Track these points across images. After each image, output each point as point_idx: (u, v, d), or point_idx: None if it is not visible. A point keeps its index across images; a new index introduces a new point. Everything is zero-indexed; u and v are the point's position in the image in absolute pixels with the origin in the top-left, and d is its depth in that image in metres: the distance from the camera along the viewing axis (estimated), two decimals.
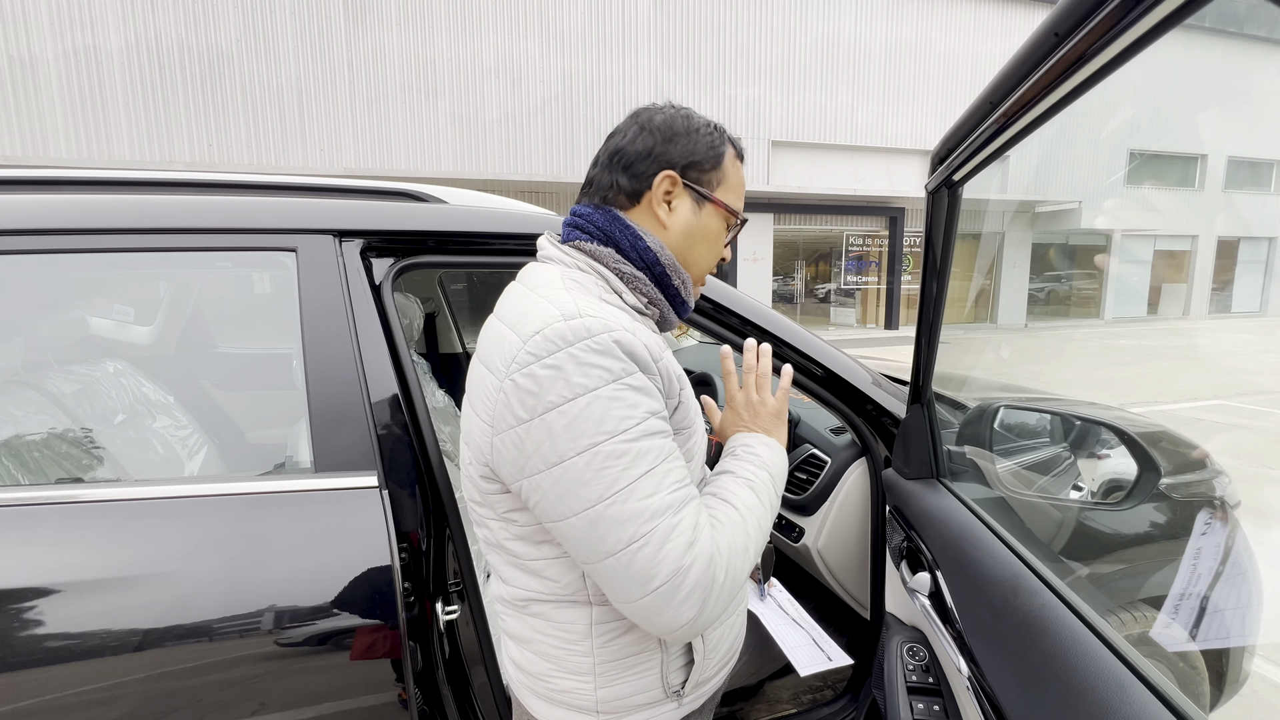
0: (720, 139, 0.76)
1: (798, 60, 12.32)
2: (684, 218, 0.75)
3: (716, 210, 0.76)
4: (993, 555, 0.76)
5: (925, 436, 1.03)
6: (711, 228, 0.76)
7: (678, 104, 0.76)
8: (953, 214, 0.79)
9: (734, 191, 0.77)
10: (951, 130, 0.68)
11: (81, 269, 1.24)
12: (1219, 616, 0.96)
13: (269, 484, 0.96)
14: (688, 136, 0.74)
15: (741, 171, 0.78)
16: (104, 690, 0.82)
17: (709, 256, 0.78)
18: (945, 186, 0.76)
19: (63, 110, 9.07)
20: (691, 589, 0.60)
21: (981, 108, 0.57)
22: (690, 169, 0.74)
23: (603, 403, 0.59)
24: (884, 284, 14.15)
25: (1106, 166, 7.90)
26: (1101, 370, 6.33)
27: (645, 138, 0.72)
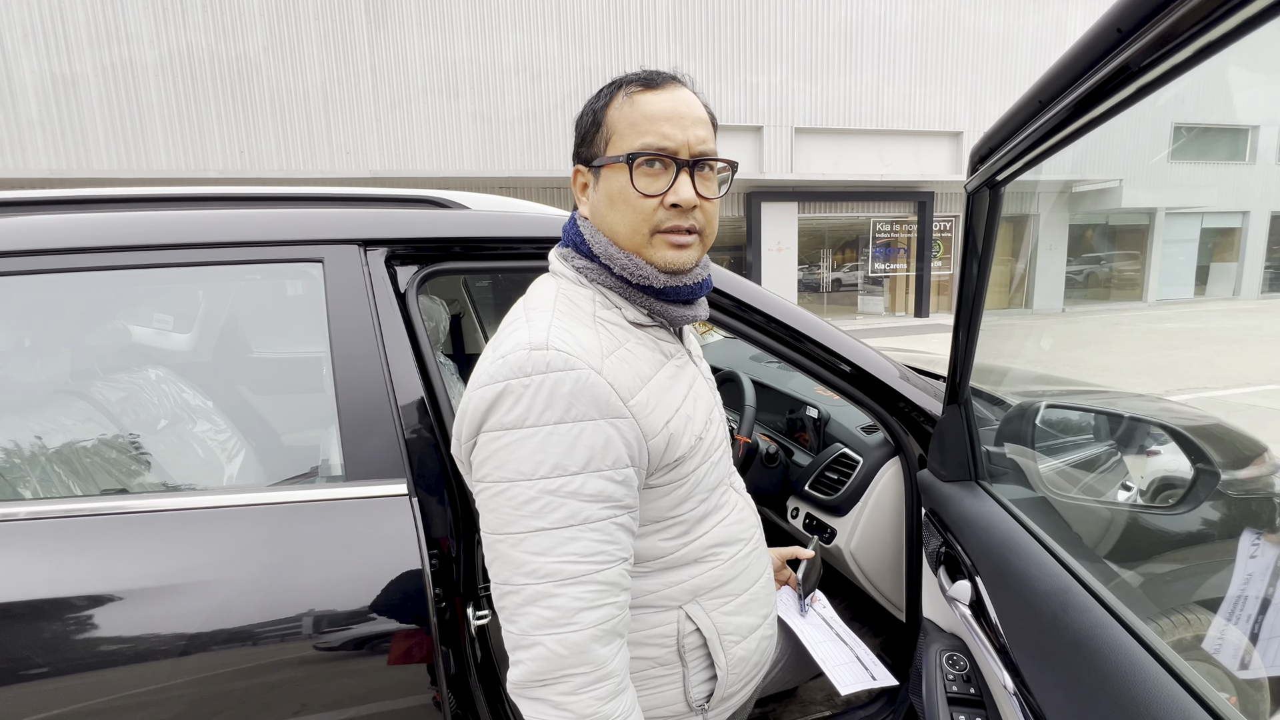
0: (602, 97, 0.69)
1: (821, 44, 12.05)
2: (591, 198, 0.71)
3: (611, 169, 0.67)
4: (1039, 566, 0.72)
5: (963, 438, 0.99)
6: (612, 188, 0.67)
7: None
8: (994, 216, 0.75)
9: (628, 131, 0.66)
10: (995, 128, 0.64)
11: (121, 283, 1.27)
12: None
13: (303, 493, 0.97)
14: (579, 122, 0.72)
15: (640, 101, 0.66)
16: (154, 693, 0.85)
17: (624, 218, 0.67)
18: (987, 187, 0.72)
19: (103, 123, 9.41)
20: (531, 660, 0.59)
21: (1029, 106, 0.53)
22: (580, 149, 0.71)
23: (534, 443, 0.58)
24: (913, 270, 13.82)
25: (1150, 142, 7.53)
26: (1145, 355, 6.08)
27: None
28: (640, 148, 0.65)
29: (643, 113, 0.65)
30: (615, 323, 0.68)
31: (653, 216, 0.66)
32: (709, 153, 0.67)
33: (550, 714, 0.59)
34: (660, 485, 0.68)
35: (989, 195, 0.73)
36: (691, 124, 0.66)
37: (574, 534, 0.59)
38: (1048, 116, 0.50)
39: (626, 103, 0.66)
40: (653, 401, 0.65)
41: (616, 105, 0.67)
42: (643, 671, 0.71)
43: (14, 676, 0.80)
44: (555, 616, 0.58)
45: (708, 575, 0.73)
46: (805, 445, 1.73)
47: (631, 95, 0.66)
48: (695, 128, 0.66)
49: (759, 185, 12.07)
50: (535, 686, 0.59)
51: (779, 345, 1.19)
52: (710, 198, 0.68)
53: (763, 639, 0.81)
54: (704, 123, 0.68)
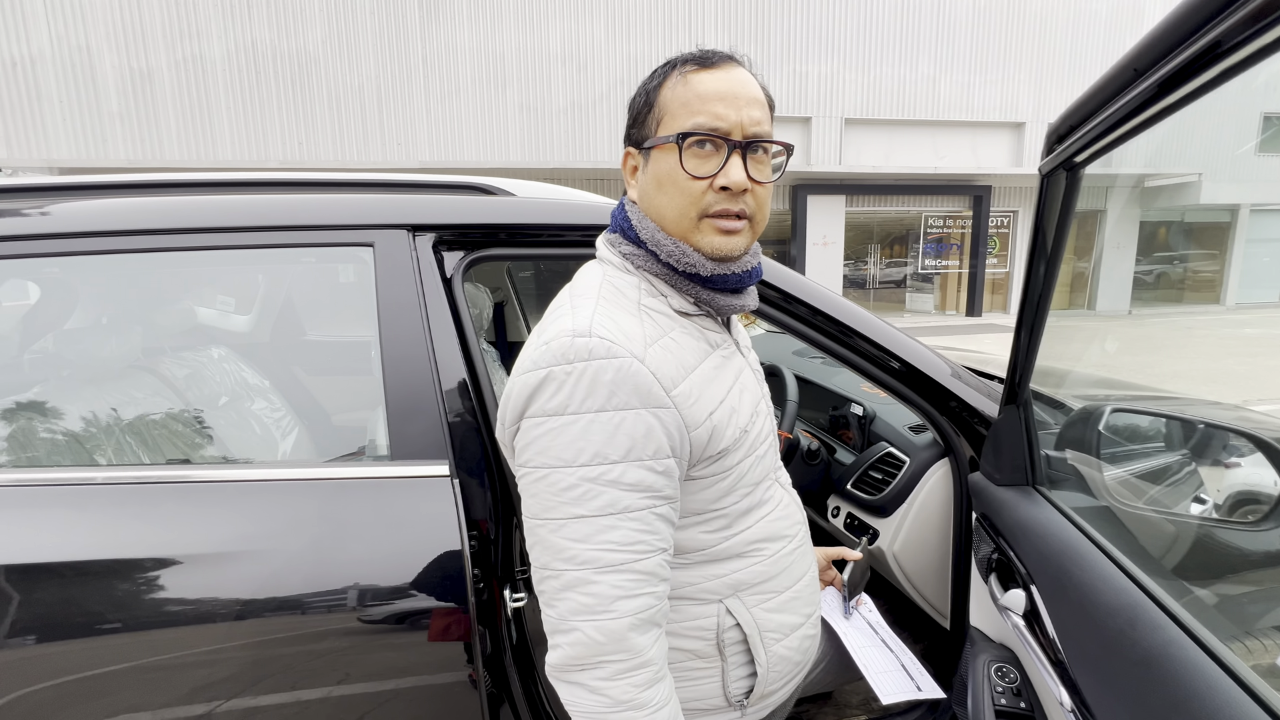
0: (656, 77, 0.67)
1: (875, 31, 11.65)
2: (639, 181, 0.70)
3: (661, 150, 0.65)
4: (1103, 579, 0.68)
5: (1021, 440, 0.94)
6: (660, 170, 0.66)
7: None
8: (1069, 200, 0.69)
9: (680, 111, 0.64)
10: (1077, 103, 0.59)
11: (187, 264, 1.34)
12: None
13: (351, 470, 1.00)
14: (631, 104, 0.70)
15: (693, 80, 0.64)
16: (209, 654, 0.90)
17: (672, 200, 0.65)
18: (1064, 168, 0.67)
19: (175, 116, 9.94)
20: (568, 645, 0.59)
21: (1121, 75, 0.48)
22: (632, 131, 0.70)
23: (576, 430, 0.58)
24: (966, 268, 13.27)
25: (1235, 133, 7.02)
26: (1221, 362, 5.68)
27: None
28: (691, 127, 0.63)
29: (696, 92, 0.63)
30: (660, 311, 0.67)
31: (701, 199, 0.64)
32: (763, 134, 0.65)
33: (587, 698, 0.59)
34: (703, 477, 0.67)
35: (1065, 178, 0.68)
36: (746, 104, 0.64)
37: (613, 522, 0.58)
38: (1143, 87, 0.46)
39: (680, 82, 0.65)
40: (696, 392, 0.64)
41: (670, 85, 0.65)
42: (681, 663, 0.71)
43: (86, 630, 0.86)
44: (593, 603, 0.58)
45: (750, 570, 0.72)
46: (848, 443, 1.68)
47: (685, 75, 0.65)
48: (750, 108, 0.64)
49: (805, 177, 11.79)
50: (573, 670, 0.59)
51: (826, 340, 1.16)
52: (763, 181, 0.66)
53: (805, 638, 0.79)
54: (759, 103, 0.65)
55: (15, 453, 1.13)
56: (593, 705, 0.59)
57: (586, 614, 0.58)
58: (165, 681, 0.89)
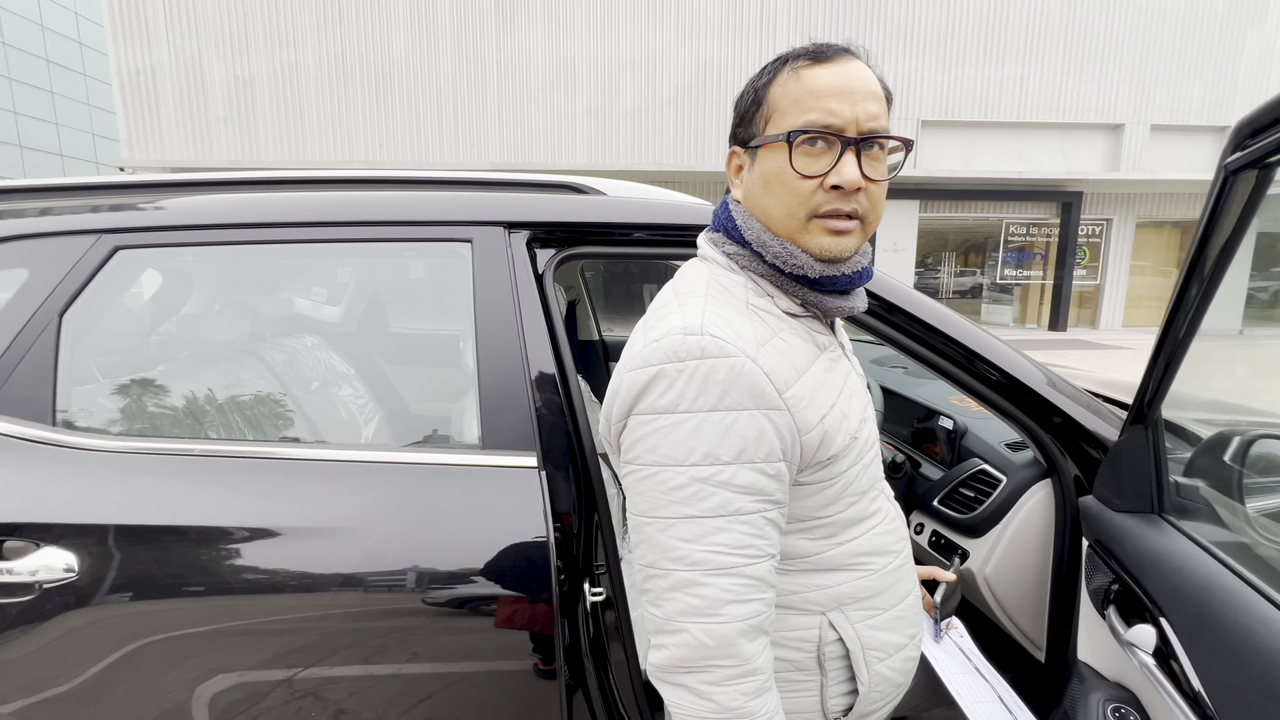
0: (765, 74, 0.65)
1: (959, 28, 11.11)
2: (746, 181, 0.68)
3: (768, 149, 0.63)
4: (1260, 620, 0.61)
5: (1148, 463, 0.86)
6: (768, 170, 0.64)
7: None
8: (1252, 204, 0.63)
9: (790, 109, 0.62)
10: None
11: (290, 257, 1.42)
12: None
13: (446, 457, 1.04)
14: (739, 102, 0.68)
15: (805, 76, 0.62)
16: (314, 620, 0.95)
17: (779, 200, 0.63)
18: (1254, 167, 0.60)
19: (272, 120, 10.71)
20: (674, 647, 0.58)
21: None
22: (739, 131, 0.68)
23: (687, 429, 0.57)
24: (1050, 279, 12.45)
25: None
26: None
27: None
28: (802, 125, 0.60)
29: (808, 88, 0.61)
30: (769, 311, 0.66)
31: (810, 199, 0.62)
32: (880, 130, 0.62)
33: (693, 702, 0.58)
34: (810, 483, 0.65)
35: (1255, 178, 0.61)
36: (862, 99, 0.61)
37: (723, 524, 0.57)
38: None
39: (792, 78, 0.62)
40: (808, 395, 0.62)
41: (780, 81, 0.63)
42: (779, 673, 0.69)
43: (191, 590, 0.92)
44: (703, 606, 0.57)
45: (855, 584, 0.70)
46: (935, 458, 1.60)
47: (798, 70, 0.62)
48: (866, 103, 0.61)
49: None
50: (679, 673, 0.58)
51: (918, 346, 1.11)
52: (877, 180, 0.63)
53: (907, 659, 0.76)
54: (876, 97, 0.62)
55: (138, 422, 1.23)
56: (700, 709, 0.57)
57: (695, 616, 0.57)
58: (265, 645, 0.94)
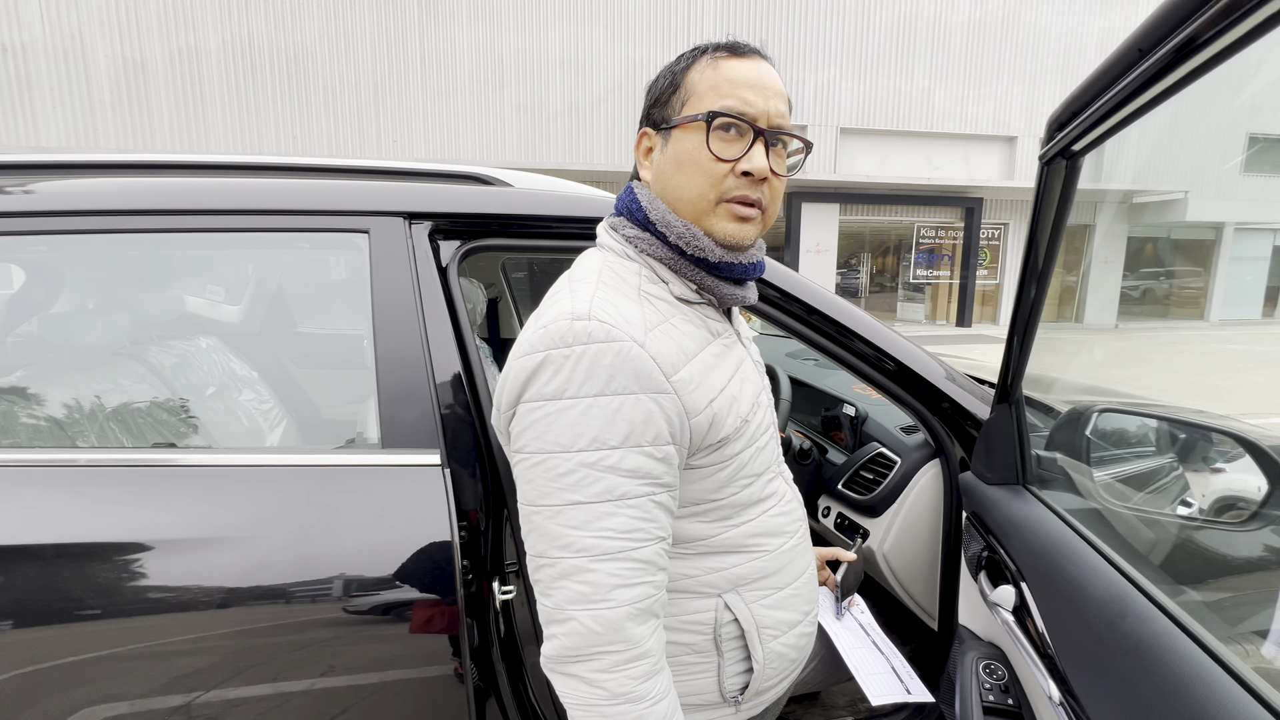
0: (682, 61, 0.67)
1: (871, 42, 11.77)
2: (656, 161, 0.69)
3: (683, 130, 0.65)
4: (1094, 572, 0.68)
5: (1012, 439, 0.95)
6: (681, 150, 0.65)
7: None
8: (1068, 190, 0.70)
9: (708, 93, 0.64)
10: (1081, 89, 0.59)
11: (173, 248, 1.32)
12: None
13: (339, 457, 0.99)
14: (654, 85, 0.69)
15: (723, 66, 0.64)
16: (190, 642, 0.88)
17: (691, 181, 0.65)
18: (1063, 157, 0.67)
19: (168, 105, 9.86)
20: (564, 635, 0.58)
21: (1125, 56, 0.49)
22: (653, 111, 0.69)
23: (574, 415, 0.57)
24: (957, 278, 13.39)
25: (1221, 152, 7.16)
26: (1204, 376, 5.77)
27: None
28: (720, 109, 0.63)
29: (726, 76, 0.64)
30: (661, 297, 0.67)
31: (721, 183, 0.64)
32: (787, 128, 0.66)
33: (583, 690, 0.58)
34: (702, 466, 0.66)
35: (1065, 167, 0.68)
36: (773, 95, 0.65)
37: (611, 509, 0.57)
38: (1146, 65, 0.46)
39: (710, 66, 0.65)
40: (697, 378, 0.63)
41: (699, 68, 0.66)
42: (676, 657, 0.70)
43: (64, 615, 0.84)
44: (590, 592, 0.57)
45: (751, 565, 0.72)
46: (840, 444, 1.68)
47: (716, 60, 0.65)
48: (776, 100, 0.65)
49: (800, 185, 11.86)
50: (569, 662, 0.58)
51: (822, 339, 1.16)
52: (780, 174, 0.67)
53: (802, 635, 0.78)
54: (784, 97, 0.66)
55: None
56: (589, 697, 0.57)
57: (583, 603, 0.57)
58: (144, 670, 0.87)
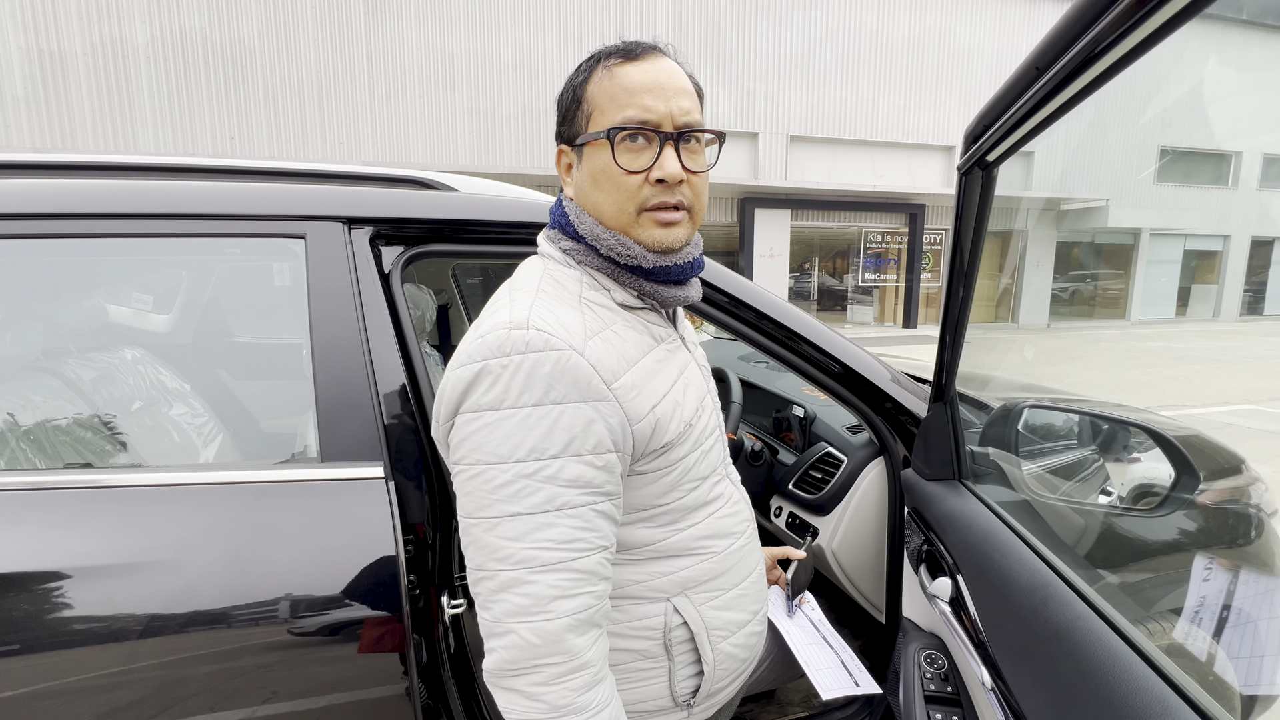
0: (581, 73, 0.67)
1: (818, 54, 12.15)
2: (575, 179, 0.69)
3: (593, 146, 0.65)
4: (1020, 562, 0.72)
5: (948, 436, 0.99)
6: (595, 166, 0.65)
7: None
8: (985, 198, 0.74)
9: (609, 106, 0.63)
10: (989, 104, 0.63)
11: (95, 254, 1.24)
12: (1254, 631, 0.91)
13: (274, 473, 0.95)
14: (559, 101, 0.69)
15: (619, 74, 0.63)
16: (113, 676, 0.82)
17: (609, 196, 0.65)
18: (978, 167, 0.71)
19: (90, 101, 9.25)
20: (504, 649, 0.57)
21: (1025, 75, 0.53)
22: (563, 129, 0.69)
23: (511, 425, 0.57)
24: (903, 282, 13.94)
25: (1136, 163, 7.70)
26: (1127, 372, 6.18)
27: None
28: (621, 122, 0.62)
29: (622, 85, 0.63)
30: (603, 304, 0.66)
31: (638, 194, 0.64)
32: (694, 124, 0.64)
33: (522, 705, 0.57)
34: (647, 472, 0.66)
35: (981, 176, 0.72)
36: (674, 94, 0.63)
37: (550, 519, 0.57)
38: (1043, 82, 0.50)
39: (605, 76, 0.64)
40: (639, 385, 0.63)
41: (596, 80, 0.65)
42: (626, 664, 0.70)
43: None
44: (529, 604, 0.56)
45: (698, 568, 0.72)
46: (791, 445, 1.72)
47: (610, 68, 0.64)
48: (678, 98, 0.63)
49: (753, 191, 12.11)
50: (508, 676, 0.57)
51: (769, 342, 1.18)
52: (698, 171, 0.66)
53: (751, 635, 0.79)
54: (688, 93, 0.65)
55: None
56: (529, 711, 0.57)
57: (522, 615, 0.56)
58: (62, 710, 0.81)
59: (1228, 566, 0.96)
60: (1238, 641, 0.73)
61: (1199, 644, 0.75)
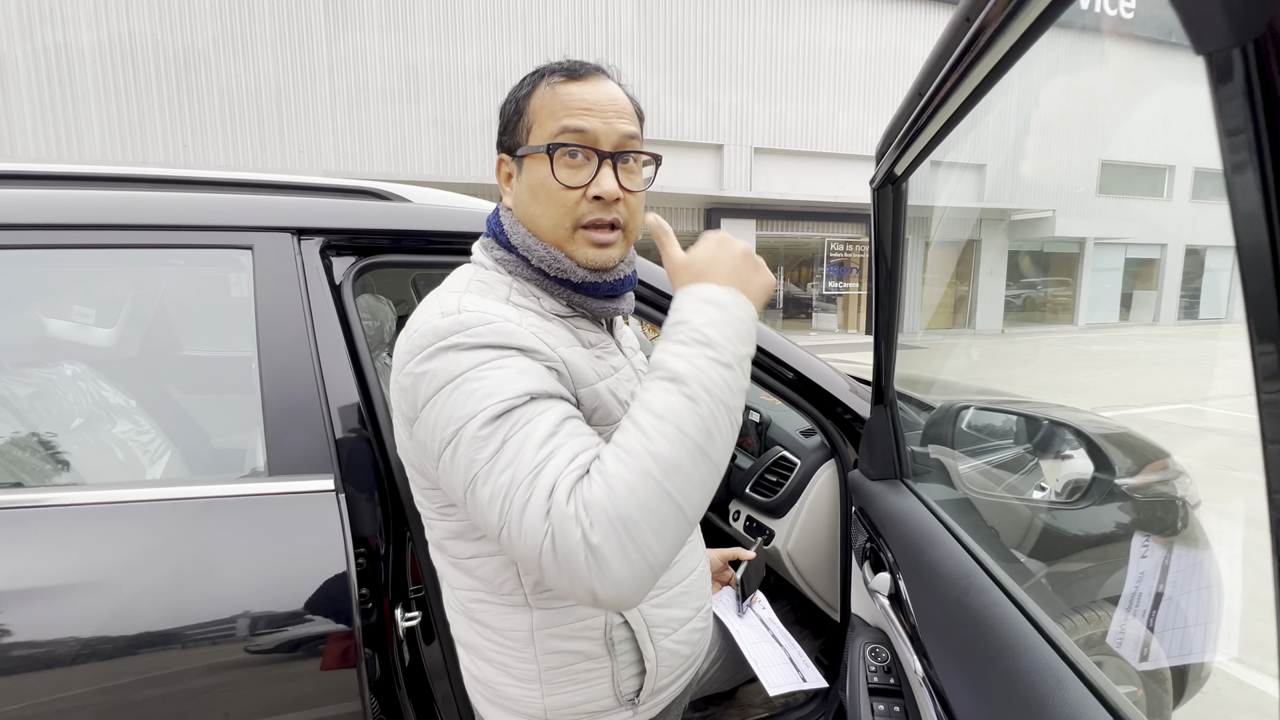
0: (525, 85, 0.67)
1: (780, 68, 12.47)
2: (514, 189, 0.69)
3: (533, 159, 0.65)
4: (948, 554, 0.76)
5: (889, 437, 1.03)
6: (534, 179, 0.66)
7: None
8: (899, 209, 0.79)
9: (548, 120, 0.64)
10: (889, 125, 0.68)
11: (31, 266, 1.20)
12: (1177, 615, 0.97)
13: (218, 488, 0.93)
14: (502, 111, 0.69)
15: (561, 90, 0.65)
16: (44, 704, 0.79)
17: (547, 210, 0.65)
18: (888, 182, 0.76)
19: (31, 108, 8.86)
20: (564, 562, 0.48)
21: (912, 100, 0.57)
22: (503, 138, 0.70)
23: (467, 388, 0.55)
24: (865, 289, 14.31)
25: (1081, 176, 8.10)
26: (1074, 375, 6.46)
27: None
28: (560, 137, 0.64)
29: (564, 103, 0.64)
30: (532, 309, 0.67)
31: (575, 209, 0.65)
32: (633, 145, 0.67)
33: (665, 504, 0.49)
34: None
35: (892, 190, 0.77)
36: (614, 115, 0.65)
37: (528, 430, 0.53)
38: (922, 104, 0.54)
39: (549, 92, 0.65)
40: (578, 361, 0.64)
41: (539, 94, 0.66)
42: (571, 665, 0.71)
43: None
44: (543, 501, 0.50)
45: None
46: (747, 449, 1.76)
47: (554, 85, 0.65)
48: (618, 120, 0.65)
49: (719, 201, 12.30)
50: (626, 530, 0.48)
51: None
52: (634, 190, 0.67)
53: (694, 631, 0.80)
54: (628, 115, 0.67)
55: None
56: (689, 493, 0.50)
57: (549, 515, 0.49)
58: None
59: (1163, 544, 1.03)
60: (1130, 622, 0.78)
61: (1099, 625, 0.80)
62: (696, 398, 0.52)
